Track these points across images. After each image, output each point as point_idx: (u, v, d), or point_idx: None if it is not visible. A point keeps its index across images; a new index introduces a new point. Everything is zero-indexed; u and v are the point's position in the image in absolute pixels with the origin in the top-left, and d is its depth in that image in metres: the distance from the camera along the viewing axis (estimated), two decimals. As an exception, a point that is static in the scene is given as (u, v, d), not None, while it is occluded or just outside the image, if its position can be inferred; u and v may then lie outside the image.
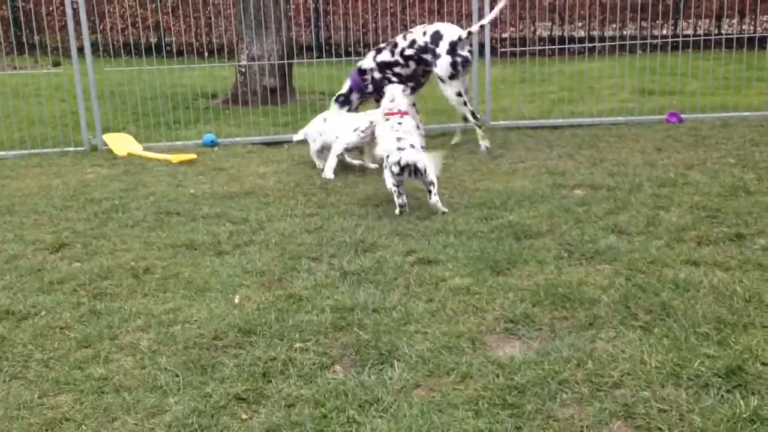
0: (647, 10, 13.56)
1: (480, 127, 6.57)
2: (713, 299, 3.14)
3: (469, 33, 6.40)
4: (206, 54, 12.48)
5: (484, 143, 6.53)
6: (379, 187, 5.30)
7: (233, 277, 3.66)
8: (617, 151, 6.21)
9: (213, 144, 7.31)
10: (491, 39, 7.88)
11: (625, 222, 4.22)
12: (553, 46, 10.89)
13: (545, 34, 14.06)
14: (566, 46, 10.77)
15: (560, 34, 13.67)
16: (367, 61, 6.76)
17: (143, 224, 4.63)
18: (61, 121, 8.41)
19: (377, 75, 6.68)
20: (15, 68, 11.81)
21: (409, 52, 6.57)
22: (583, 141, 6.74)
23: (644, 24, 13.85)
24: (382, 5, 11.73)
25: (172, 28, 13.24)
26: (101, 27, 12.09)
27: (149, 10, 13.97)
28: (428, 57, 6.50)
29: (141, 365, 2.80)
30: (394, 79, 6.59)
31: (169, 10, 13.68)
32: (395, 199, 4.64)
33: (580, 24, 13.69)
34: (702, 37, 8.34)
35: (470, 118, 6.58)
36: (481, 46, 7.77)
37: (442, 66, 6.37)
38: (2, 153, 7.12)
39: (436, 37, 6.43)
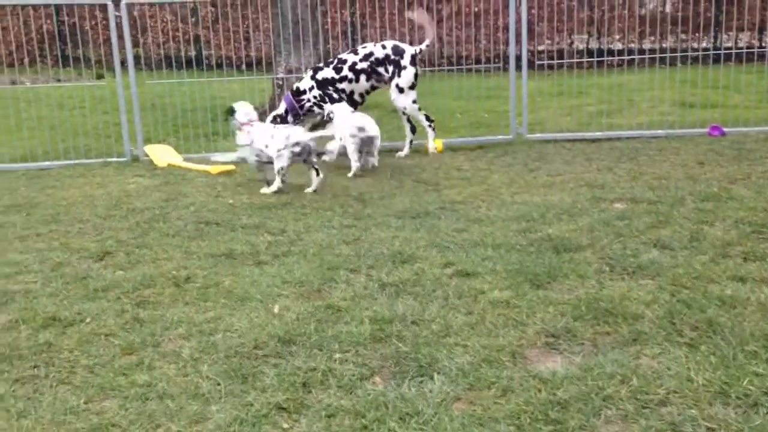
0: (686, 23, 13.39)
1: (433, 130, 7.20)
2: (761, 316, 3.07)
3: (420, 50, 7.06)
4: (244, 66, 12.64)
5: (432, 145, 7.18)
6: (415, 200, 5.31)
7: (272, 287, 3.68)
8: (658, 165, 6.12)
9: (251, 155, 7.38)
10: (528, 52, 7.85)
11: (668, 236, 4.15)
12: (591, 59, 10.80)
13: (582, 46, 13.97)
14: (604, 58, 10.68)
15: (597, 46, 13.56)
16: (304, 82, 7.11)
17: (184, 234, 4.69)
18: (103, 133, 8.59)
19: (316, 93, 7.01)
20: (59, 81, 12.11)
21: (362, 65, 7.01)
22: (622, 154, 6.66)
23: (683, 36, 13.68)
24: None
25: (212, 42, 13.46)
26: (143, 41, 12.33)
27: (189, 24, 14.22)
28: (383, 70, 7.01)
29: (183, 373, 2.84)
30: (335, 95, 6.99)
31: (209, 24, 13.91)
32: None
33: (617, 36, 13.57)
34: (744, 50, 8.21)
35: (426, 122, 7.17)
36: (518, 59, 7.75)
37: (407, 76, 6.97)
38: (47, 163, 7.29)
39: (398, 50, 7.01)
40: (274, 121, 7.02)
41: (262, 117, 9.56)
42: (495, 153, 7.09)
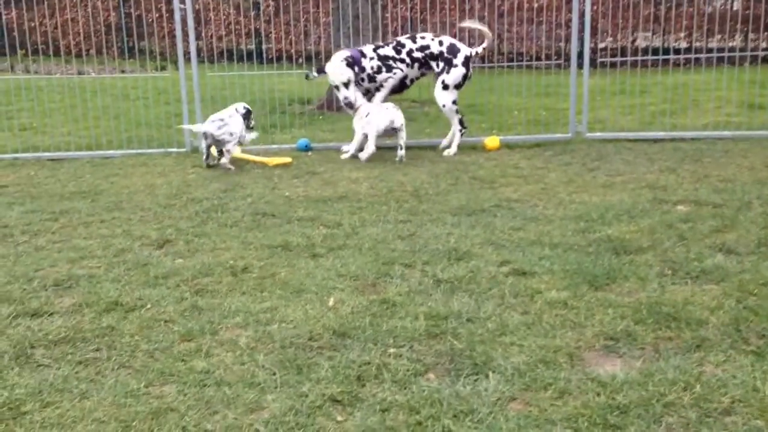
0: (756, 22, 12.93)
1: (462, 135, 7.16)
2: (834, 327, 2.94)
3: (476, 53, 7.13)
4: (303, 60, 12.75)
5: (454, 150, 7.07)
6: (471, 197, 5.27)
7: (327, 279, 3.70)
8: (723, 167, 5.93)
9: (307, 148, 7.45)
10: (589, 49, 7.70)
11: (734, 241, 4.02)
12: (654, 57, 10.53)
13: (645, 44, 13.63)
14: (668, 56, 10.39)
15: (661, 44, 13.22)
16: (368, 49, 7.18)
17: (241, 224, 4.76)
18: (165, 123, 8.79)
19: (375, 63, 7.08)
20: (123, 72, 12.44)
21: (417, 54, 7.09)
22: (685, 155, 6.48)
23: (752, 35, 13.20)
24: (479, 13, 11.66)
25: (272, 35, 13.61)
26: (204, 33, 12.55)
27: (250, 17, 14.41)
28: (435, 65, 7.08)
29: (240, 361, 2.87)
30: (394, 69, 7.07)
31: (270, 17, 14.06)
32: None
33: (682, 34, 13.19)
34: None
35: (458, 126, 7.14)
36: (579, 56, 7.60)
37: (455, 75, 7.02)
38: (111, 152, 7.50)
39: (454, 48, 7.06)
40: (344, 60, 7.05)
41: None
42: (553, 151, 6.98)
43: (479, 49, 7.16)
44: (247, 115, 6.88)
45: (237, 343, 3.03)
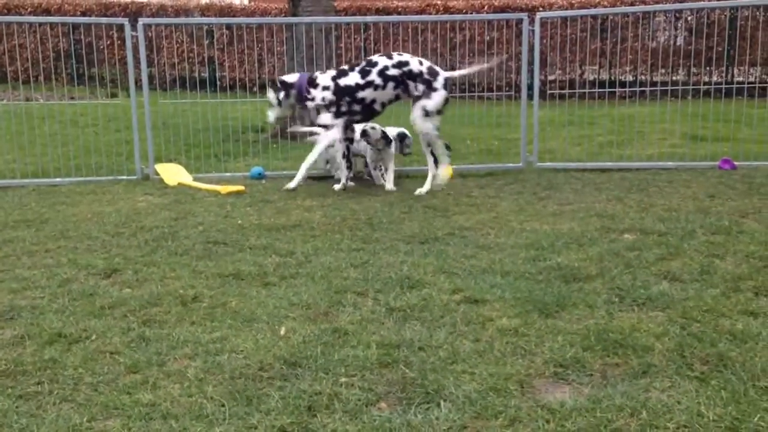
0: (697, 57, 13.43)
1: (448, 157, 6.70)
2: (773, 352, 3.03)
3: (452, 77, 6.65)
4: (257, 89, 12.75)
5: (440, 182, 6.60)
6: (424, 225, 5.30)
7: (279, 308, 3.66)
8: (668, 197, 6.10)
9: (261, 177, 7.42)
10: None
11: (678, 269, 4.12)
12: (602, 90, 10.85)
13: (593, 77, 14.03)
14: (615, 89, 10.71)
15: (608, 77, 13.62)
16: (323, 78, 6.62)
17: (192, 253, 4.69)
18: (115, 150, 8.64)
19: (328, 97, 6.55)
20: (72, 98, 12.22)
21: (393, 72, 6.41)
22: (632, 185, 6.65)
23: (694, 70, 13.72)
24: (431, 45, 11.87)
25: (225, 63, 13.58)
26: (156, 61, 12.45)
27: (203, 45, 14.36)
28: (413, 85, 6.42)
29: (188, 393, 2.81)
30: (342, 109, 6.51)
31: (224, 45, 14.05)
32: None
33: (628, 68, 13.62)
34: (756, 84, 8.22)
35: (443, 151, 6.60)
36: (530, 87, 7.78)
37: (437, 99, 6.38)
38: (58, 179, 7.33)
39: (433, 71, 6.44)
40: (273, 84, 6.81)
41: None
42: (505, 180, 7.10)
43: (455, 74, 6.76)
44: (389, 140, 6.73)
45: (185, 374, 2.97)
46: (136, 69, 7.54)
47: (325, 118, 6.64)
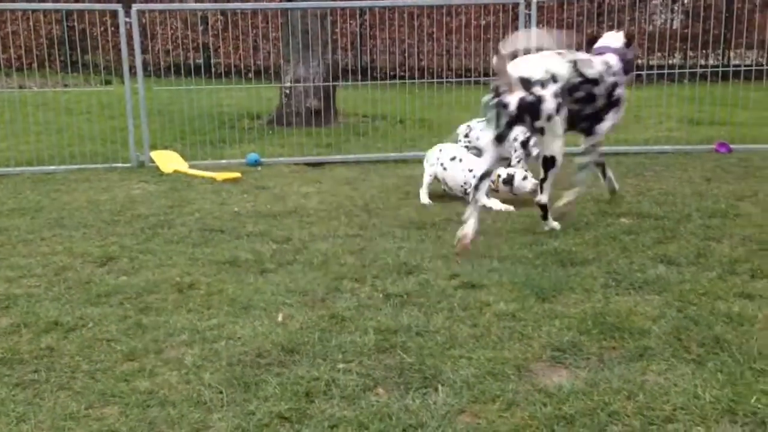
0: (694, 40, 13.40)
1: None
2: (769, 334, 3.04)
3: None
4: (252, 75, 12.68)
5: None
6: (421, 211, 5.29)
7: (276, 295, 3.66)
8: (664, 181, 6.10)
9: (257, 163, 7.39)
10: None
11: (675, 252, 4.13)
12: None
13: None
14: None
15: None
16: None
17: (188, 240, 4.67)
18: (110, 138, 8.60)
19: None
20: (66, 86, 12.15)
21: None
22: (628, 169, 6.64)
23: (691, 53, 13.69)
24: (428, 29, 11.83)
25: (220, 50, 13.51)
26: (151, 47, 12.37)
27: (198, 32, 14.28)
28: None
29: (185, 380, 2.81)
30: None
31: (219, 32, 13.97)
32: None
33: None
34: (753, 67, 8.20)
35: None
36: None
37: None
38: (53, 167, 7.30)
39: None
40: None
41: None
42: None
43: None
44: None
45: (182, 361, 2.97)
46: (130, 56, 7.48)
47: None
